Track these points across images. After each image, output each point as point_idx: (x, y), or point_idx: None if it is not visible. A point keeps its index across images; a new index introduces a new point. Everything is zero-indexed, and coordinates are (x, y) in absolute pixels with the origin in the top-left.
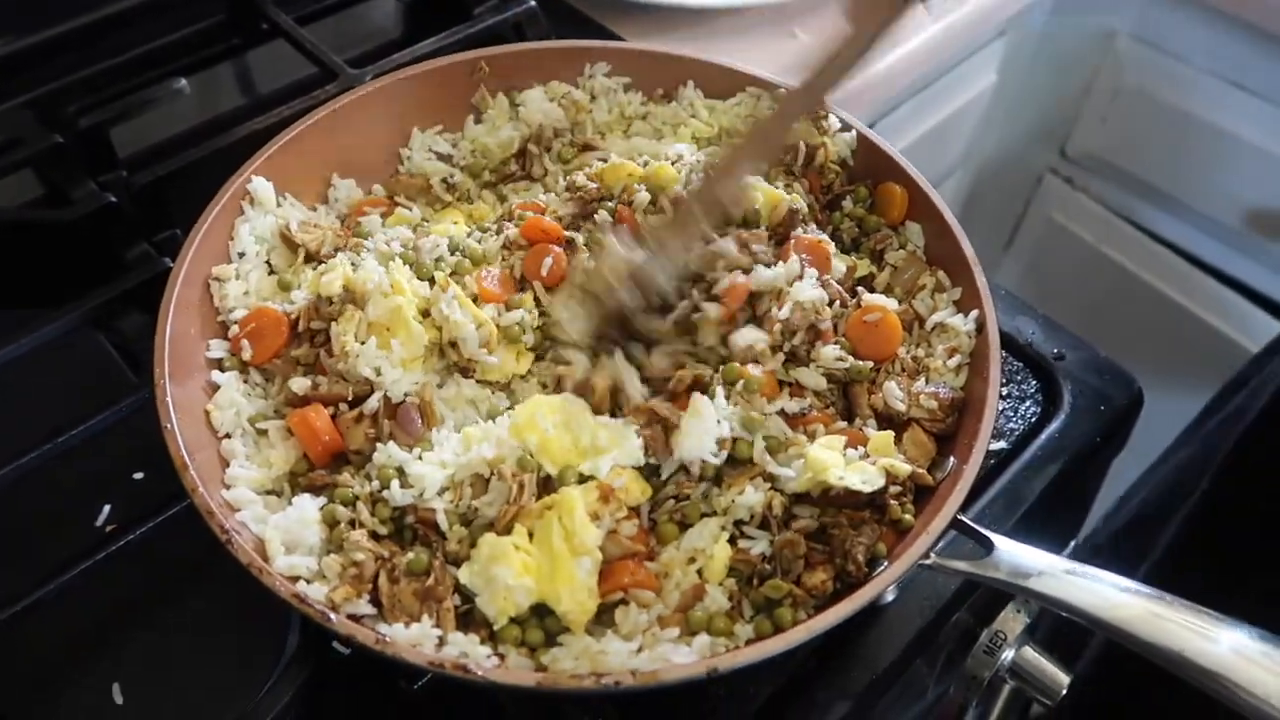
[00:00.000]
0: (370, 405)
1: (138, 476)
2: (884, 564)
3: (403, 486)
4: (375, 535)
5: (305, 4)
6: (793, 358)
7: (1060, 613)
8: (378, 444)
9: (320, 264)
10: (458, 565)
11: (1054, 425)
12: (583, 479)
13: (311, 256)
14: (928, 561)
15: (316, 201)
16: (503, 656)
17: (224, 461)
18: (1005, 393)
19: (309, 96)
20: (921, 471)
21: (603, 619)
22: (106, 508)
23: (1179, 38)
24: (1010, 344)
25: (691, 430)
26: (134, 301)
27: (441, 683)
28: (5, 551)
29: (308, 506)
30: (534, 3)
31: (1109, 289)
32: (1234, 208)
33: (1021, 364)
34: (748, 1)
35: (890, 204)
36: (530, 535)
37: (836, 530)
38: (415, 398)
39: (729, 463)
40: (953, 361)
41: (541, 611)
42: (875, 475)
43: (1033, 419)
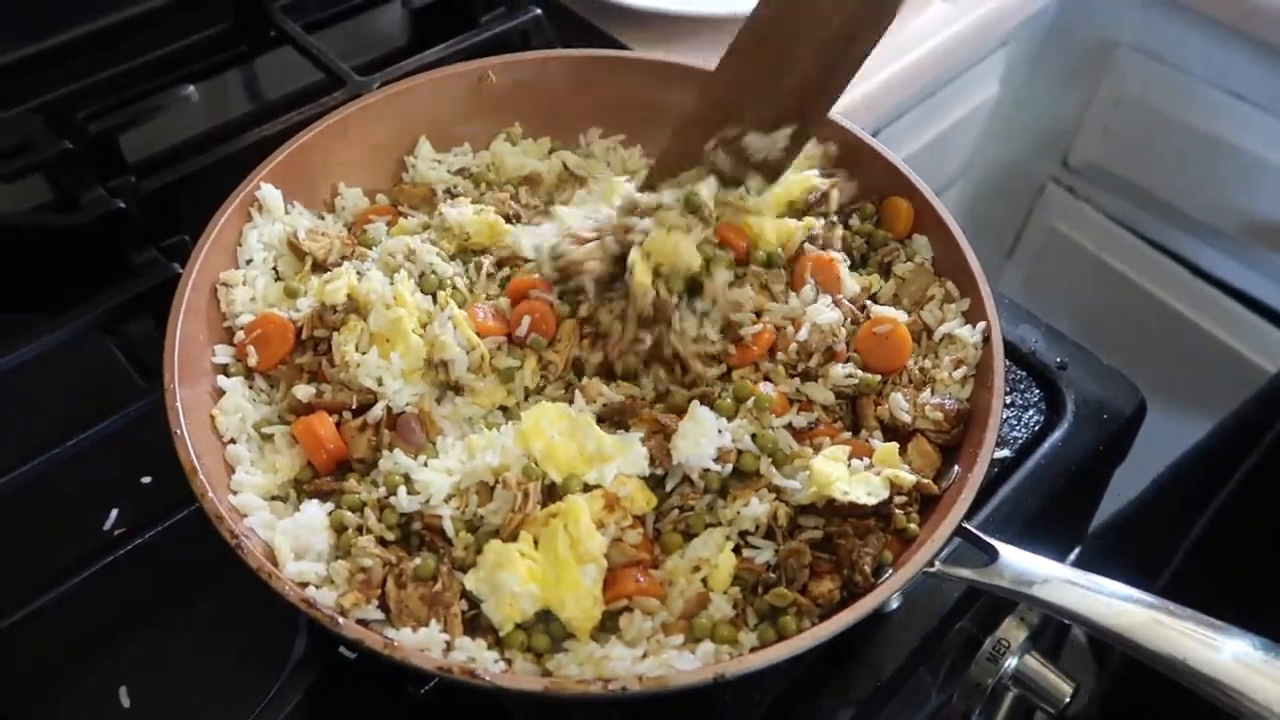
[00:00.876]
0: (374, 414)
1: (145, 481)
2: (889, 572)
3: (409, 493)
4: (383, 541)
5: (312, 11)
6: (804, 374)
7: (1063, 620)
8: (383, 451)
9: (327, 272)
10: (464, 571)
11: (1057, 434)
12: (587, 487)
13: (318, 265)
14: (932, 569)
15: (324, 209)
16: (509, 662)
17: (229, 466)
18: (1009, 401)
19: (317, 103)
20: (926, 481)
21: (607, 626)
22: (114, 511)
23: (1181, 49)
24: (1013, 353)
25: (688, 433)
26: (142, 306)
27: (448, 687)
28: (13, 554)
29: (316, 512)
30: (540, 11)
31: (1111, 299)
32: (1236, 218)
33: (1025, 373)
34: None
35: (896, 218)
36: (535, 542)
37: (842, 540)
38: (414, 408)
39: (734, 475)
40: (959, 373)
41: (547, 617)
42: (880, 486)
43: (1036, 428)
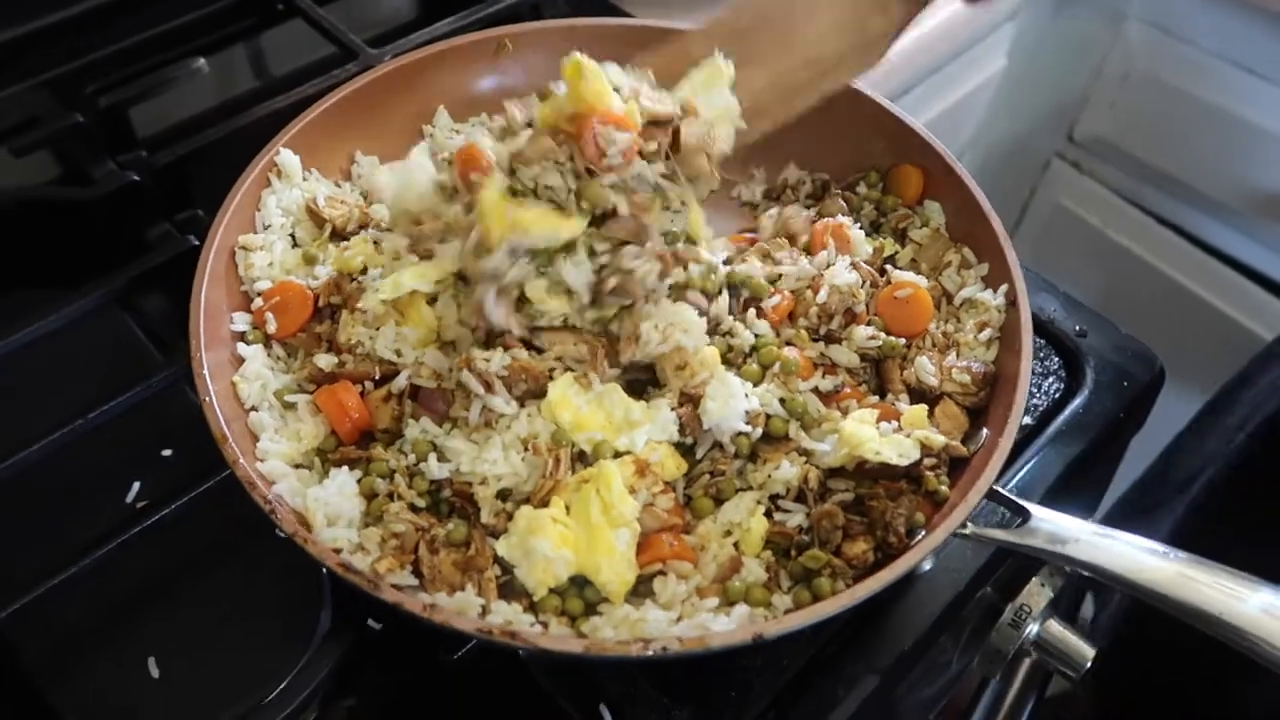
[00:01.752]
0: (398, 384)
1: (166, 453)
2: (922, 533)
3: (440, 460)
4: (413, 508)
5: None
6: (826, 337)
7: (1096, 578)
8: (408, 420)
9: (344, 240)
10: (495, 538)
11: (1077, 401)
12: (617, 454)
13: (337, 232)
14: (965, 531)
15: (340, 178)
16: (545, 625)
17: (252, 434)
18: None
19: (329, 76)
20: (955, 444)
21: (640, 590)
22: (136, 484)
23: (1189, 22)
24: (1033, 321)
25: (717, 395)
26: (158, 280)
27: (479, 653)
28: (38, 528)
29: (346, 480)
30: None
31: (1116, 273)
32: (1242, 192)
33: (1044, 341)
34: None
35: (906, 184)
36: (567, 509)
37: (874, 502)
38: (433, 381)
39: (764, 440)
40: (983, 335)
41: (579, 583)
42: (910, 448)
43: (1056, 395)
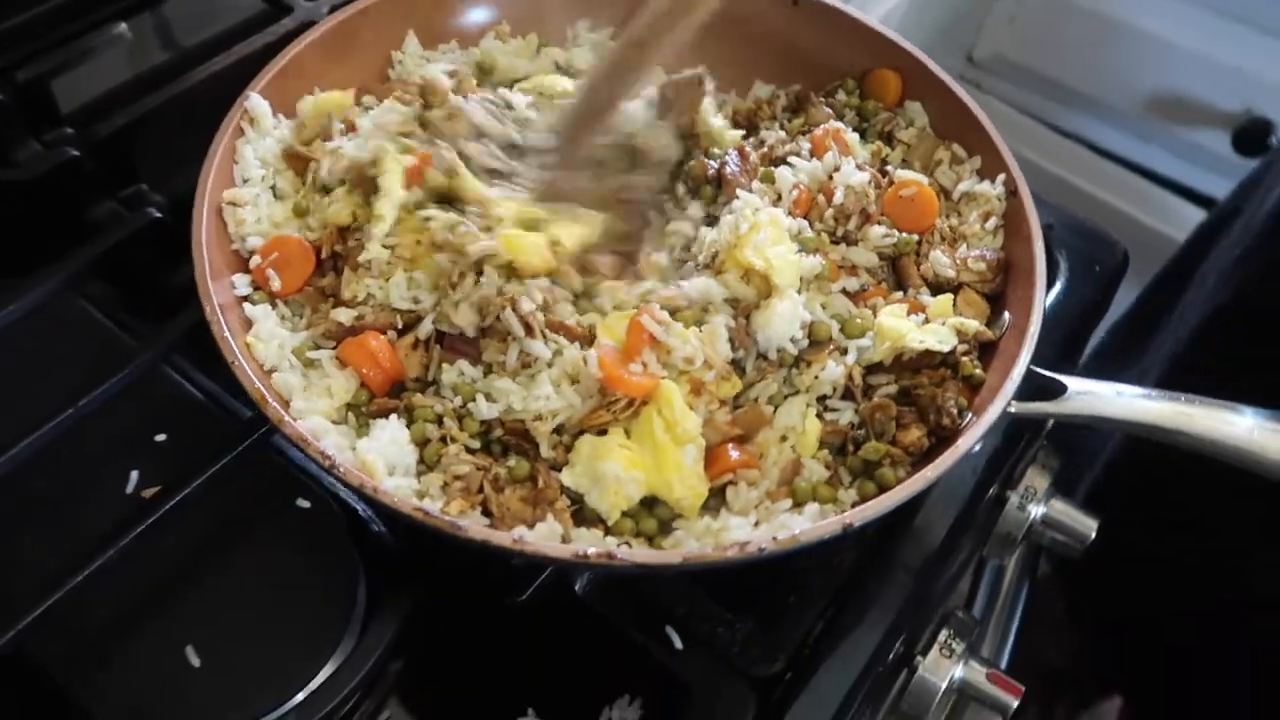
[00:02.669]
0: (424, 329)
1: (160, 439)
2: (970, 415)
3: (489, 400)
4: (468, 450)
5: None
6: (845, 238)
7: (1131, 431)
8: (441, 366)
9: (328, 193)
10: (557, 471)
11: (1057, 289)
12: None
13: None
14: (1012, 409)
15: None
16: (629, 546)
17: (279, 396)
18: None
19: (265, 33)
20: (984, 329)
21: (708, 505)
22: (134, 473)
23: None
24: None
25: (784, 313)
26: (116, 261)
27: (538, 598)
28: (40, 530)
29: (397, 428)
30: None
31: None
32: (1136, 97)
33: None
34: None
35: (885, 89)
36: (627, 434)
37: (921, 391)
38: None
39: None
40: (990, 224)
41: (648, 504)
42: (948, 335)
43: None
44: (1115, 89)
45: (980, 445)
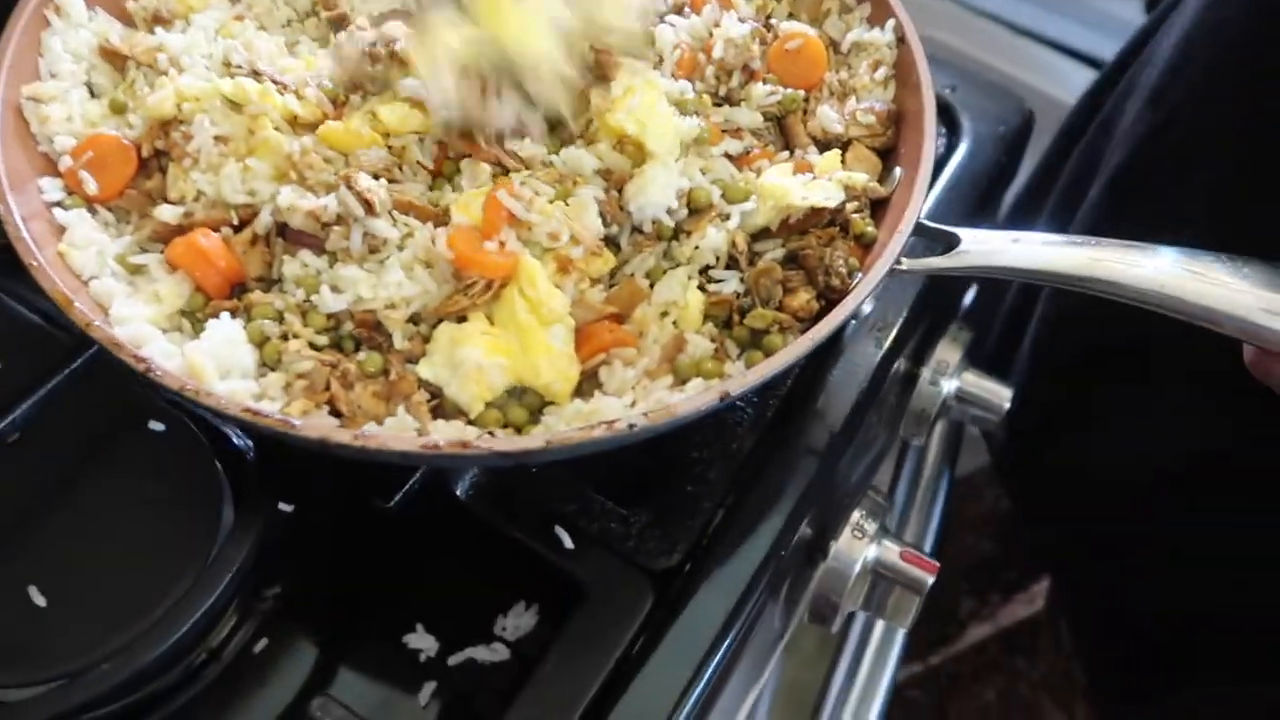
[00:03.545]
0: (262, 223)
1: None
2: (860, 275)
3: (334, 291)
4: (313, 346)
5: None
6: (727, 98)
7: (1030, 280)
8: (282, 258)
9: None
10: (413, 364)
11: (961, 153)
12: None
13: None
14: (902, 266)
15: (120, 17)
16: (492, 435)
17: (99, 305)
18: None
19: None
20: (874, 185)
21: (582, 390)
22: None
23: None
24: None
25: (656, 179)
26: None
27: (415, 502)
28: None
29: (230, 327)
30: None
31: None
32: None
33: None
34: None
35: None
36: (490, 322)
37: (808, 252)
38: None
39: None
40: (879, 74)
41: (516, 394)
42: (835, 190)
43: (940, 151)
44: None
45: (875, 311)
